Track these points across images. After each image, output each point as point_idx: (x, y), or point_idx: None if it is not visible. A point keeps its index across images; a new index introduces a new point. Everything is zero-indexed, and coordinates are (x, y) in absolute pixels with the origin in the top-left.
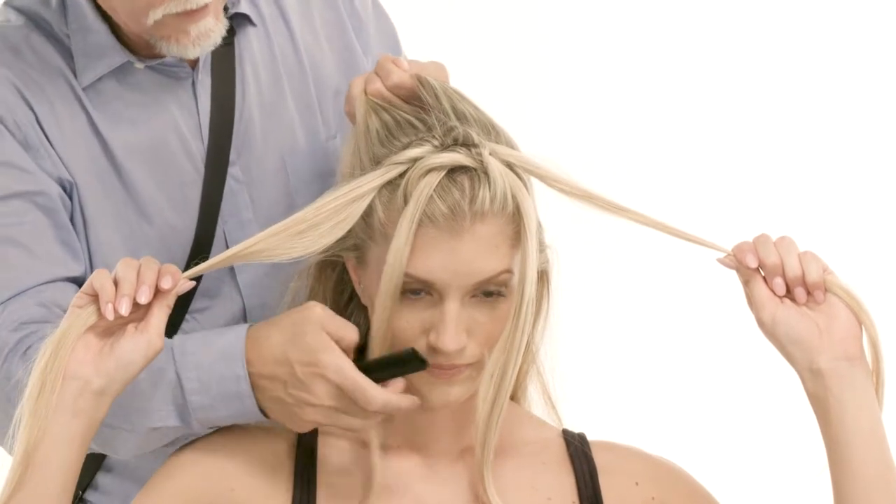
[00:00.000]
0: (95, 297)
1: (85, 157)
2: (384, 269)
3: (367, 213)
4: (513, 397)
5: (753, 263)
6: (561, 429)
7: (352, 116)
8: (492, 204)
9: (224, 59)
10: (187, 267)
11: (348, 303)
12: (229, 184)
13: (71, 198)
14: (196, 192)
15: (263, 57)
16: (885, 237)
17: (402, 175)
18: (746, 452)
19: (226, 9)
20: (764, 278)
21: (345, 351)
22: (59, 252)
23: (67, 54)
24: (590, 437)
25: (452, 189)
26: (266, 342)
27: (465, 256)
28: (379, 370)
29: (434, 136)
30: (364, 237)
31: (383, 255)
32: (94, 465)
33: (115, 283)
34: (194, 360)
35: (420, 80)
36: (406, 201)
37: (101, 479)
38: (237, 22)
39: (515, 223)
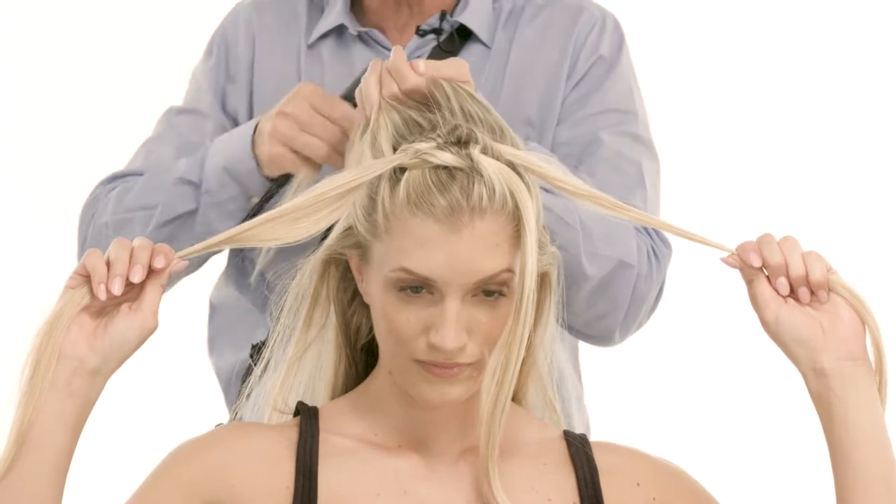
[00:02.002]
0: (88, 278)
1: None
2: None
3: (370, 211)
4: (514, 400)
5: (757, 263)
6: (562, 430)
7: (360, 114)
8: (490, 201)
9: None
10: None
11: (351, 301)
12: None
13: None
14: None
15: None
16: (888, 237)
17: (402, 171)
18: (748, 453)
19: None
20: (767, 278)
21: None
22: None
23: (318, 11)
24: (591, 439)
25: (451, 185)
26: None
27: (466, 254)
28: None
29: (438, 135)
30: (367, 235)
31: (385, 252)
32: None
33: (108, 263)
34: (217, 146)
35: (434, 83)
36: (408, 195)
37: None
38: (469, 39)
39: (516, 222)
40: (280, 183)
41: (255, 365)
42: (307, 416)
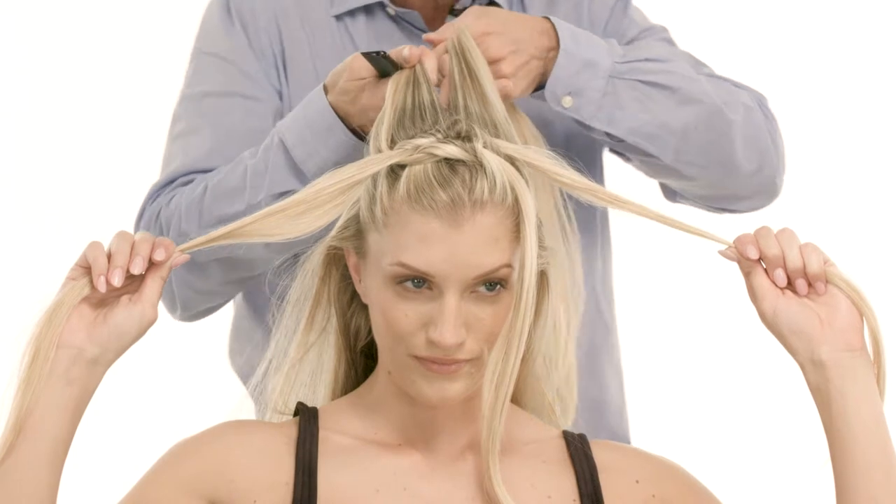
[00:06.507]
0: (89, 270)
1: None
2: None
3: (371, 202)
4: (513, 402)
5: (754, 255)
6: (561, 430)
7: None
8: (491, 194)
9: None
10: None
11: (350, 302)
12: None
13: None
14: None
15: None
16: (885, 229)
17: (403, 166)
18: (746, 447)
19: None
20: (765, 270)
21: None
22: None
23: None
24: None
25: (453, 179)
26: (329, 79)
27: (465, 248)
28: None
29: (438, 130)
30: (367, 224)
31: (383, 245)
32: None
33: (109, 255)
34: (288, 122)
35: (447, 72)
36: (408, 191)
37: None
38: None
39: (515, 217)
40: None
41: None
42: (307, 415)
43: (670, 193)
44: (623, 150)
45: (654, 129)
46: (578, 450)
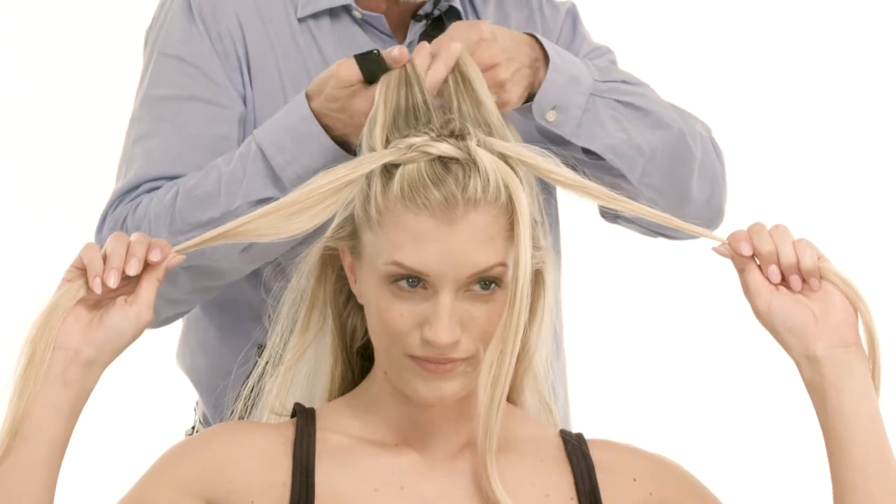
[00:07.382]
0: (84, 271)
1: (300, 71)
2: None
3: (365, 202)
4: (511, 401)
5: (748, 252)
6: (558, 428)
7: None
8: (484, 192)
9: None
10: None
11: (346, 303)
12: None
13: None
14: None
15: None
16: (879, 224)
17: (396, 165)
18: (743, 445)
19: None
20: (759, 266)
21: None
22: (203, 161)
23: None
24: (587, 437)
25: (447, 177)
26: (313, 87)
27: (460, 247)
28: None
29: (431, 129)
30: (361, 224)
31: (378, 245)
32: None
33: (105, 257)
34: (267, 130)
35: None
36: (402, 190)
37: None
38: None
39: (509, 215)
40: None
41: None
42: (304, 416)
43: (610, 215)
44: (595, 168)
45: (628, 148)
46: (576, 448)
